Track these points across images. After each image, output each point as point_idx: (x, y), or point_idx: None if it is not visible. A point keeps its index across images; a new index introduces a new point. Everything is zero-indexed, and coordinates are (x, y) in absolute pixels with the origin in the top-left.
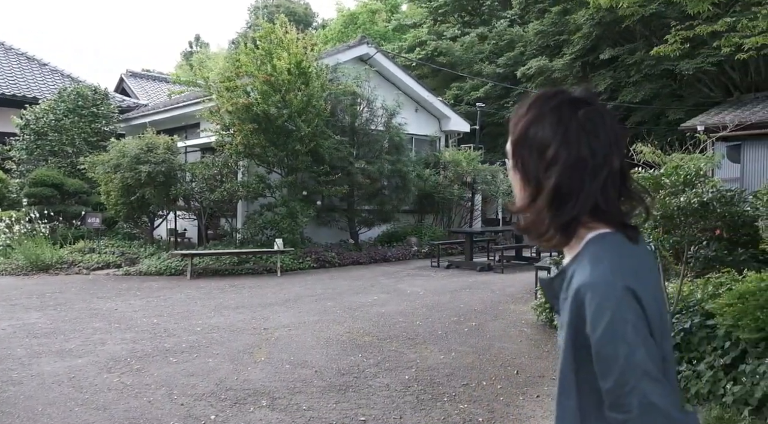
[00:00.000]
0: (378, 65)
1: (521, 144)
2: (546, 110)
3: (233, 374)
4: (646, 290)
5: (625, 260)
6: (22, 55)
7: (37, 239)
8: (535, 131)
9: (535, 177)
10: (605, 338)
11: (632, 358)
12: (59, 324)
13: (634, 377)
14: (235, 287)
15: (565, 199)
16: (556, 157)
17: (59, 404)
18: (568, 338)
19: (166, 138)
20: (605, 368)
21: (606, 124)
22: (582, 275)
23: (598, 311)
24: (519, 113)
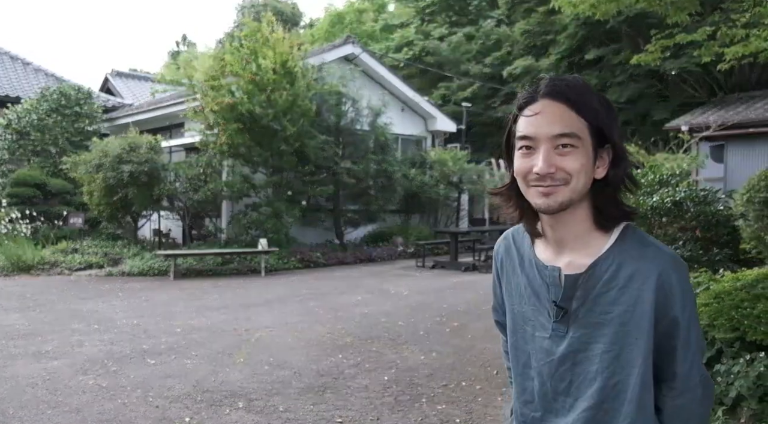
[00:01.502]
0: (364, 65)
1: (615, 117)
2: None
3: (211, 376)
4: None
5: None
6: (5, 54)
7: (18, 240)
8: (614, 110)
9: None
10: (693, 319)
11: (698, 337)
12: (37, 326)
13: (699, 356)
14: (218, 288)
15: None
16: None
17: (31, 407)
18: (649, 328)
19: (149, 138)
20: (684, 351)
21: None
22: (655, 260)
23: (685, 293)
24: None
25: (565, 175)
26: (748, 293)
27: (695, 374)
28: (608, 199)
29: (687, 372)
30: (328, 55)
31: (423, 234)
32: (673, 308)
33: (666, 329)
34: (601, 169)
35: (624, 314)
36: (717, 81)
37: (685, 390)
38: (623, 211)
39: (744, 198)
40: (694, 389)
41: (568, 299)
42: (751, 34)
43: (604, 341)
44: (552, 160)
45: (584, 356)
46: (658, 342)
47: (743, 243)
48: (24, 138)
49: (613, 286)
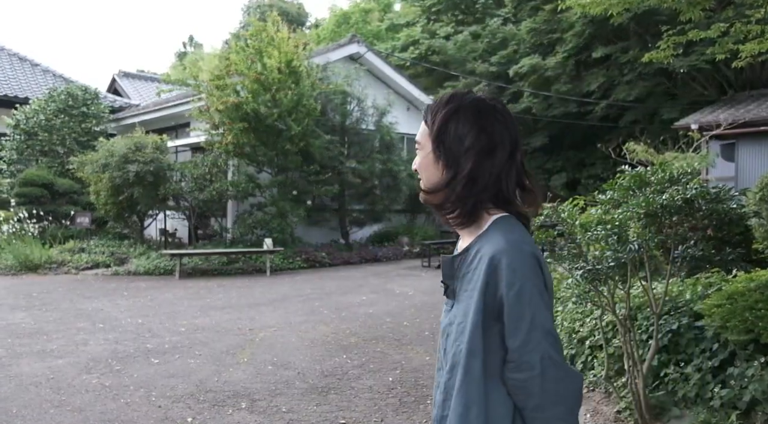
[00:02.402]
0: (369, 64)
1: (442, 133)
2: (465, 105)
3: (214, 376)
4: (544, 264)
5: (528, 235)
6: (14, 56)
7: (26, 239)
8: (453, 122)
9: (455, 162)
10: (517, 298)
11: (538, 318)
12: (43, 324)
13: (538, 336)
14: (223, 287)
15: (476, 182)
16: (473, 144)
17: (35, 406)
18: (479, 302)
19: (154, 137)
20: (514, 327)
21: (512, 123)
22: (495, 244)
23: (512, 273)
24: (437, 108)
25: (416, 171)
26: (762, 293)
27: (532, 352)
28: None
29: (518, 348)
30: (333, 54)
31: (429, 234)
32: (500, 286)
33: (498, 306)
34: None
35: (471, 291)
36: (727, 79)
37: (520, 366)
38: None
39: (757, 197)
40: (530, 368)
41: (449, 277)
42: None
43: (459, 314)
44: (415, 159)
45: (452, 327)
46: (499, 318)
47: (756, 243)
48: (32, 138)
49: (471, 267)
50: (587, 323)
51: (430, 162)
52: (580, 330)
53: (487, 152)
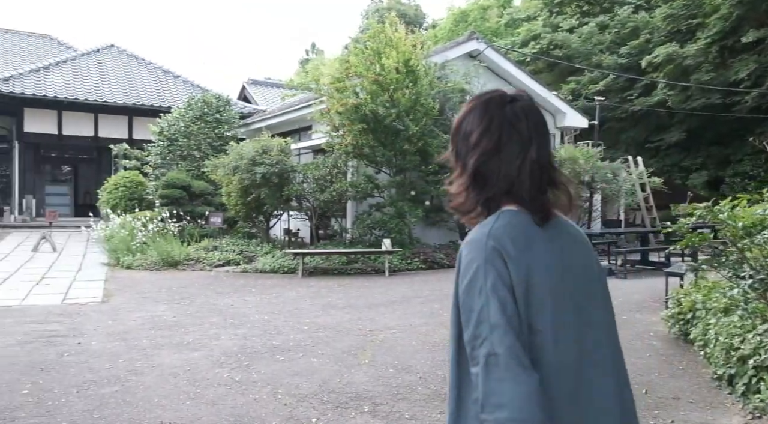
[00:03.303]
0: (488, 61)
1: (456, 132)
2: (477, 104)
3: (336, 376)
4: (523, 258)
5: (507, 228)
6: (158, 69)
7: (167, 237)
8: (466, 121)
9: (463, 161)
10: (467, 289)
11: (486, 311)
12: (181, 318)
13: (485, 330)
14: (343, 287)
15: (483, 180)
16: (478, 142)
17: (173, 397)
18: (454, 296)
19: (279, 140)
20: (465, 319)
21: (528, 119)
22: (467, 237)
23: (467, 264)
24: (464, 107)
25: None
26: None
27: (480, 347)
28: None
29: (469, 342)
30: (451, 52)
31: None
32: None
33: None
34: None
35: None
36: None
37: (472, 360)
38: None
39: None
40: (477, 364)
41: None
42: None
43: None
44: None
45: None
46: None
47: None
48: (173, 144)
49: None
50: (749, 340)
51: (453, 163)
52: (741, 347)
53: (492, 150)
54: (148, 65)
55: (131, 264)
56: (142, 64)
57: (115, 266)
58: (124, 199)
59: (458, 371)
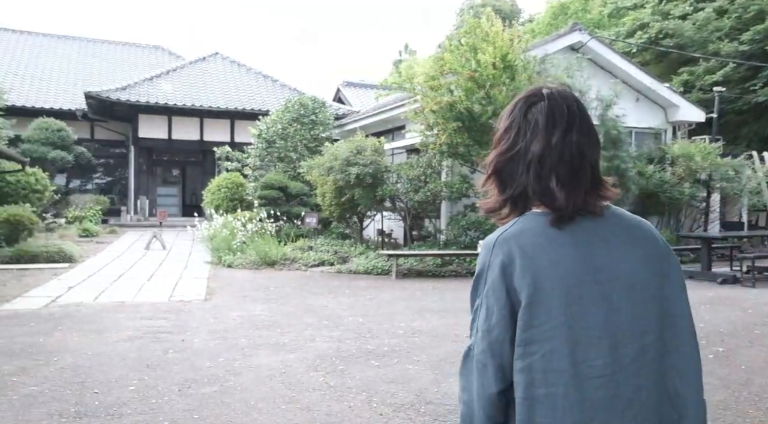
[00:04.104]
0: (591, 53)
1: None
2: (512, 102)
3: (433, 385)
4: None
5: (518, 233)
6: (258, 74)
7: (265, 237)
8: (499, 120)
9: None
10: (472, 286)
11: (477, 312)
12: (278, 318)
13: (473, 327)
14: (438, 290)
15: (504, 181)
16: (497, 142)
17: (269, 400)
18: None
19: (373, 140)
20: (471, 309)
21: (556, 119)
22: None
23: (478, 263)
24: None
25: None
26: None
27: (470, 338)
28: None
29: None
30: (552, 45)
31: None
32: None
33: None
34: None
35: None
36: None
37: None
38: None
39: None
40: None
41: None
42: None
43: None
44: None
45: None
46: None
47: None
48: (271, 146)
49: None
50: None
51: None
52: None
53: (508, 150)
54: (248, 71)
55: (232, 263)
56: (243, 70)
57: (217, 264)
58: (226, 200)
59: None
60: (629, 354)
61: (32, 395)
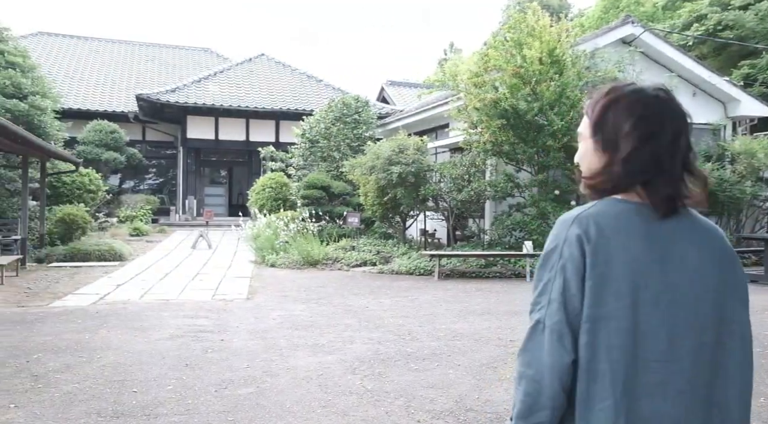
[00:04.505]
0: (644, 46)
1: (602, 122)
2: (623, 94)
3: (474, 392)
4: (604, 247)
5: (597, 214)
6: (303, 74)
7: (307, 237)
8: (614, 111)
9: (614, 146)
10: (542, 261)
11: (550, 285)
12: (317, 318)
13: (544, 300)
14: (481, 291)
15: (634, 164)
16: (630, 131)
17: (304, 403)
18: None
19: (416, 139)
20: (534, 285)
21: (675, 111)
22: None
23: (549, 239)
24: (597, 100)
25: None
26: None
27: (534, 312)
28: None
29: (531, 304)
30: (602, 39)
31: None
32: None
33: None
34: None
35: None
36: None
37: (529, 317)
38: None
39: None
40: (530, 320)
41: None
42: None
43: None
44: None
45: None
46: None
47: None
48: (314, 145)
49: None
50: None
51: (590, 151)
52: None
53: (645, 138)
54: (293, 71)
55: (275, 262)
56: (288, 71)
57: (261, 263)
58: (270, 200)
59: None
60: (685, 347)
61: (73, 392)
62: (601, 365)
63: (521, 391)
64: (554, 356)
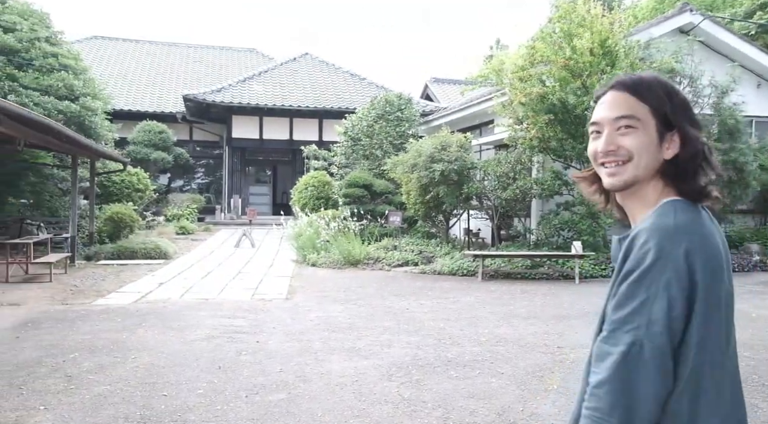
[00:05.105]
0: (704, 35)
1: (686, 109)
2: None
3: (518, 403)
4: (709, 261)
5: (694, 224)
6: (347, 73)
7: (348, 236)
8: (679, 98)
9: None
10: (637, 277)
11: (649, 303)
12: (355, 320)
13: (641, 321)
14: (527, 294)
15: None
16: (694, 123)
17: (337, 412)
18: (612, 281)
19: (459, 136)
20: (620, 302)
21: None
22: (644, 223)
23: (644, 251)
24: (656, 85)
25: (627, 152)
26: None
27: (627, 333)
28: (677, 178)
29: (616, 321)
30: (657, 29)
31: None
32: (624, 267)
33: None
34: (669, 150)
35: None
36: None
37: (608, 338)
38: (693, 189)
39: None
40: (615, 345)
41: (614, 259)
42: None
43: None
44: (613, 140)
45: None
46: None
47: None
48: (356, 143)
49: (624, 248)
50: None
51: (653, 142)
52: None
53: (698, 129)
54: (337, 70)
55: (316, 261)
56: (332, 70)
57: (302, 262)
58: (313, 199)
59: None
60: (732, 345)
61: (103, 395)
62: (704, 382)
63: (615, 422)
64: (656, 384)
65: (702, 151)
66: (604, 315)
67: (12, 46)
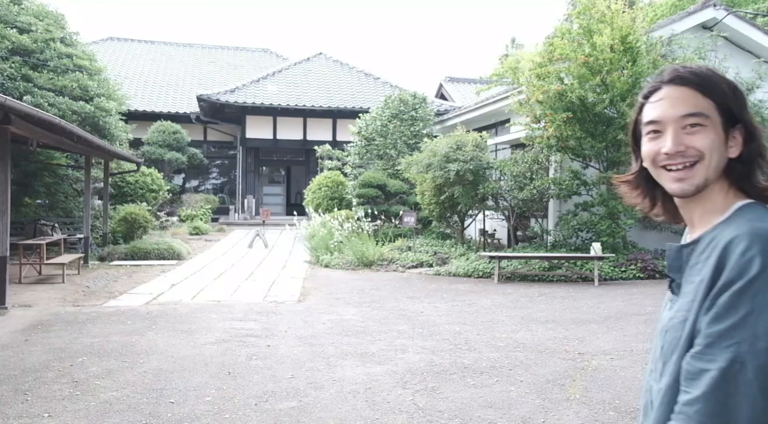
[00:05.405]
0: (728, 31)
1: (746, 103)
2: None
3: (539, 413)
4: None
5: None
6: (360, 73)
7: (362, 237)
8: (744, 93)
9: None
10: (740, 291)
11: (756, 318)
12: (369, 323)
13: (744, 336)
14: (544, 296)
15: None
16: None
17: (349, 422)
18: (703, 292)
19: (474, 135)
20: (719, 313)
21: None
22: (736, 230)
23: (749, 257)
24: (717, 78)
25: (697, 153)
26: None
27: (726, 348)
28: (743, 178)
29: (712, 335)
30: (679, 24)
31: None
32: (723, 273)
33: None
34: (734, 148)
35: (699, 282)
36: None
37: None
38: (758, 189)
39: None
40: (711, 362)
41: (675, 270)
42: None
43: (683, 308)
44: (681, 140)
45: (673, 323)
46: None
47: None
48: (370, 143)
49: (702, 257)
50: None
51: (721, 140)
52: None
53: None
54: (351, 70)
55: (329, 263)
56: (346, 69)
57: (315, 264)
58: (326, 199)
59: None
60: None
61: (110, 401)
62: None
63: None
64: (757, 408)
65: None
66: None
67: (27, 47)
